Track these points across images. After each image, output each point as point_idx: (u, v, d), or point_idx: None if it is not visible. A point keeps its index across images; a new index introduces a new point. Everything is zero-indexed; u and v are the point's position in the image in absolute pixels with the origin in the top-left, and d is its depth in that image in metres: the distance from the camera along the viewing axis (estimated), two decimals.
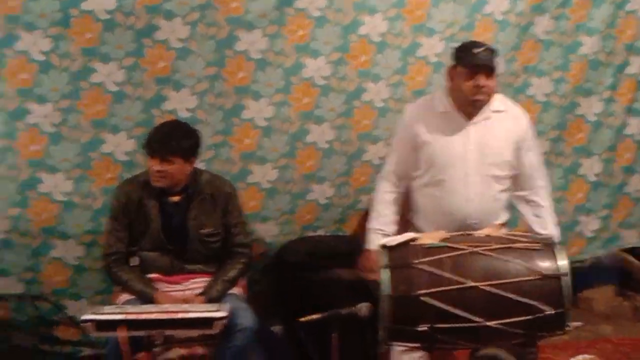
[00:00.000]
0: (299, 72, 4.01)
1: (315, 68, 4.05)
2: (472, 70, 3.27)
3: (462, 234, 3.15)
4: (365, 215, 4.25)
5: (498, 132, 3.39)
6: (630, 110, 4.69)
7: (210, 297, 3.39)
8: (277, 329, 4.12)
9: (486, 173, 3.37)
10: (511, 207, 3.55)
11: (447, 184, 3.37)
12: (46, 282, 4.05)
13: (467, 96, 3.30)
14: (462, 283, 2.86)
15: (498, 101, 3.45)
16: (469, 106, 3.34)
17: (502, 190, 3.43)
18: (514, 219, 3.68)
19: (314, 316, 3.06)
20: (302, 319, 3.07)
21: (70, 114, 3.80)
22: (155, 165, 3.32)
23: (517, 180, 3.47)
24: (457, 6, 4.21)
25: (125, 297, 3.46)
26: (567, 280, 2.90)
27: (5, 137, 3.79)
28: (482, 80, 3.27)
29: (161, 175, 3.34)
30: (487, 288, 2.86)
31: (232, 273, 3.50)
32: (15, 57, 3.68)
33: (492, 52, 3.35)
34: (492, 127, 3.38)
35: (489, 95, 3.34)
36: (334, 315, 3.03)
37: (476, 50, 3.31)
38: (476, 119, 3.36)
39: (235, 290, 3.55)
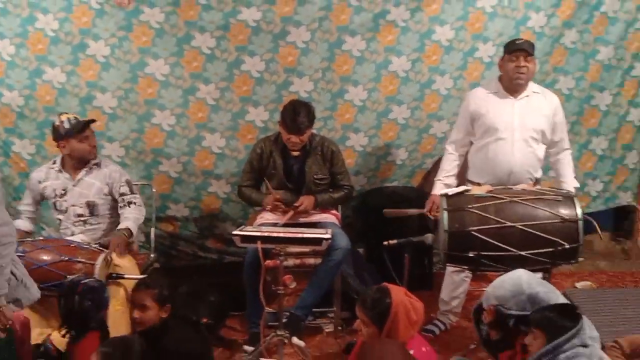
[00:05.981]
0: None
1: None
2: (514, 54, 3.33)
3: (503, 188, 3.18)
4: (427, 174, 4.31)
5: (536, 107, 3.40)
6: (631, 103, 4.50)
7: (318, 200, 3.57)
8: (361, 250, 4.17)
9: (526, 136, 3.37)
10: (544, 168, 3.55)
11: (497, 144, 3.36)
12: (204, 208, 4.29)
13: (511, 77, 3.33)
14: (502, 223, 2.94)
15: (536, 86, 3.48)
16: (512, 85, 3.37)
17: (538, 150, 3.42)
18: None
19: (394, 241, 3.09)
20: (385, 243, 3.10)
21: (226, 92, 3.94)
22: (294, 139, 3.47)
23: (549, 144, 3.48)
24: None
25: (258, 221, 3.58)
26: (581, 224, 2.96)
27: (180, 106, 3.95)
28: (521, 61, 3.31)
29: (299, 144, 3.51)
30: (521, 227, 2.93)
31: (337, 194, 3.66)
32: (191, 50, 3.78)
33: (529, 43, 3.37)
34: (531, 102, 3.40)
35: (527, 75, 3.35)
36: (408, 241, 3.08)
37: (518, 41, 3.39)
38: (519, 96, 3.39)
39: (334, 220, 3.64)
